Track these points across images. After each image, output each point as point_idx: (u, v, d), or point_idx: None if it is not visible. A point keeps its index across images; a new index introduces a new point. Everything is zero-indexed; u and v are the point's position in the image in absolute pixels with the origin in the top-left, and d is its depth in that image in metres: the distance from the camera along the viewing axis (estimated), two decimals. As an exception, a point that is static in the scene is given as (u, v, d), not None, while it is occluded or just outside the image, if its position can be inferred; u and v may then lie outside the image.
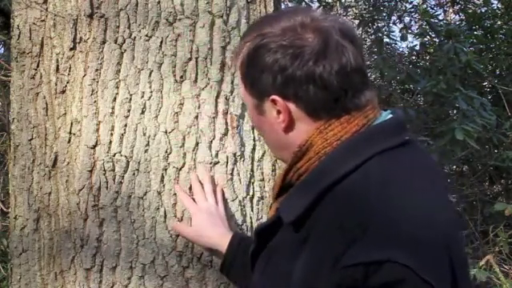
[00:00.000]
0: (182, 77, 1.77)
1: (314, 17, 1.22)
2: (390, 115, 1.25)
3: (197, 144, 1.76)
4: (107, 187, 1.75)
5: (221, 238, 1.62)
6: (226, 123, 1.78)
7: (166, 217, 1.73)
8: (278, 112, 1.23)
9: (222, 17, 1.79)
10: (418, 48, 6.33)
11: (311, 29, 1.20)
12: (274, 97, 1.22)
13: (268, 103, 1.24)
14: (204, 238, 1.65)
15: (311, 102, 1.20)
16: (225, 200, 1.73)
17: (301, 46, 1.18)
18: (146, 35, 1.77)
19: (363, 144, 1.19)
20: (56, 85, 1.84)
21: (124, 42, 1.78)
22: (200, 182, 1.73)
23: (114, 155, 1.76)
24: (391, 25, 6.22)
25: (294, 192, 1.23)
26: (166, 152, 1.75)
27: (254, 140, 1.81)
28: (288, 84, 1.20)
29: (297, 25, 1.20)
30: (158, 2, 1.77)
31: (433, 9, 6.68)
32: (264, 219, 1.80)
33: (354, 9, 6.74)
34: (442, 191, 1.26)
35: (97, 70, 1.79)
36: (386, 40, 6.14)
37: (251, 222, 1.78)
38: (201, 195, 1.71)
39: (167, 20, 1.77)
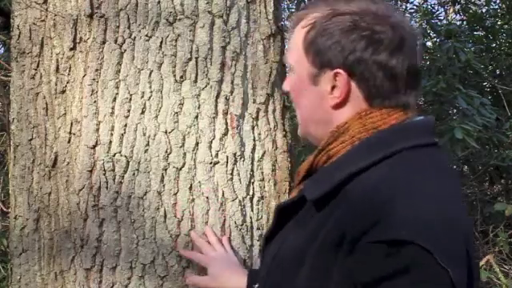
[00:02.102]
0: (182, 77, 1.77)
1: (388, 8, 1.27)
2: (422, 117, 1.30)
3: (197, 144, 1.76)
4: (107, 187, 1.75)
5: (239, 279, 1.61)
6: (226, 123, 1.78)
7: (165, 217, 1.73)
8: (333, 87, 1.26)
9: (221, 17, 1.79)
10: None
11: (388, 20, 1.24)
12: (339, 70, 1.24)
13: (327, 75, 1.26)
14: (223, 282, 1.65)
15: (375, 87, 1.24)
16: (232, 248, 1.73)
17: (380, 32, 1.22)
18: (146, 35, 1.77)
19: (396, 137, 1.23)
20: (56, 85, 1.85)
21: (124, 42, 1.78)
22: (203, 235, 1.74)
23: (114, 155, 1.76)
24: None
25: (321, 173, 1.26)
26: (166, 152, 1.75)
27: (254, 140, 1.81)
28: (359, 64, 1.23)
29: (374, 11, 1.25)
30: (158, 2, 1.77)
31: (433, 8, 6.68)
32: (264, 219, 1.80)
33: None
34: (460, 194, 1.31)
35: (97, 70, 1.79)
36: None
37: (251, 222, 1.78)
38: (208, 247, 1.71)
39: (167, 20, 1.77)
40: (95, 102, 1.78)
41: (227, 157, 1.77)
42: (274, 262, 1.31)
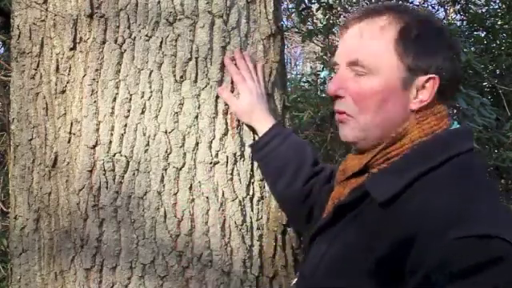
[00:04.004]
0: (182, 77, 1.77)
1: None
2: (455, 122, 1.37)
3: (197, 144, 1.76)
4: (107, 187, 1.75)
5: (265, 123, 1.76)
6: (226, 123, 1.78)
7: (165, 217, 1.73)
8: (418, 91, 1.30)
9: (221, 17, 1.79)
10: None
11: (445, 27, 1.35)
12: (434, 76, 1.29)
13: (420, 80, 1.29)
14: (251, 116, 1.77)
15: (447, 91, 1.31)
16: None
17: (452, 40, 1.34)
18: (146, 35, 1.77)
19: (453, 141, 1.29)
20: (56, 85, 1.84)
21: (124, 42, 1.78)
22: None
23: (114, 155, 1.76)
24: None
25: (387, 173, 1.29)
26: (166, 152, 1.75)
27: (254, 140, 1.81)
28: (447, 70, 1.29)
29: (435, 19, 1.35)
30: (158, 2, 1.77)
31: (434, 8, 6.67)
32: (264, 219, 1.80)
33: (354, 8, 6.74)
34: None
35: (97, 70, 1.79)
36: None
37: (251, 222, 1.78)
38: (248, 74, 1.78)
39: (167, 20, 1.77)
40: (95, 102, 1.78)
41: (227, 157, 1.77)
42: (322, 262, 1.33)
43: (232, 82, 1.79)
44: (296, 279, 1.47)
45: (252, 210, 1.79)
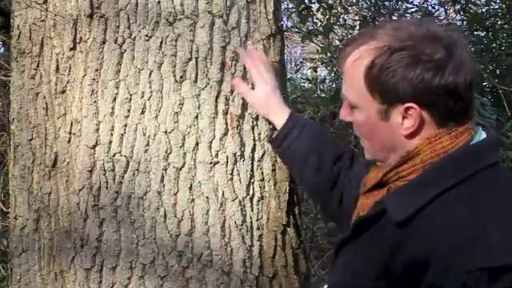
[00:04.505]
0: (182, 77, 1.77)
1: (431, 25, 1.31)
2: (483, 132, 1.35)
3: (197, 144, 1.76)
4: (107, 187, 1.75)
5: (282, 115, 1.77)
6: (226, 123, 1.78)
7: (165, 217, 1.73)
8: (403, 118, 1.30)
9: (221, 17, 1.79)
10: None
11: (441, 42, 1.28)
12: (411, 104, 1.28)
13: (398, 109, 1.30)
14: (269, 106, 1.78)
15: (446, 111, 1.29)
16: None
17: (439, 59, 1.27)
18: (146, 35, 1.77)
19: (467, 161, 1.29)
20: (56, 85, 1.84)
21: (124, 42, 1.78)
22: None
23: (114, 155, 1.76)
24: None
25: (402, 194, 1.32)
26: (166, 152, 1.75)
27: (254, 140, 1.81)
28: (429, 94, 1.27)
29: (423, 35, 1.28)
30: (158, 2, 1.77)
31: (434, 8, 6.67)
32: (264, 219, 1.80)
33: (354, 8, 6.74)
34: None
35: (97, 70, 1.79)
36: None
37: (251, 222, 1.78)
38: (263, 68, 1.78)
39: (167, 20, 1.77)
40: (95, 102, 1.78)
41: (227, 157, 1.77)
42: (345, 276, 1.39)
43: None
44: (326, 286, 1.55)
45: (252, 210, 1.79)
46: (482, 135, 1.35)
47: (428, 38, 1.28)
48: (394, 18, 6.19)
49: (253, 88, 1.79)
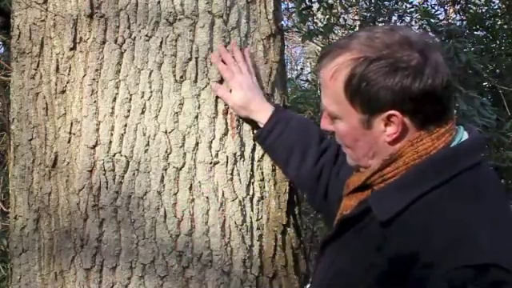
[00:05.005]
0: (182, 77, 1.77)
1: (405, 31, 1.33)
2: (465, 132, 1.37)
3: (197, 144, 1.76)
4: (107, 187, 1.75)
5: (264, 109, 1.76)
6: (226, 123, 1.78)
7: (165, 217, 1.73)
8: (386, 125, 1.32)
9: (221, 17, 1.79)
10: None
11: (415, 47, 1.30)
12: (392, 112, 1.30)
13: (380, 118, 1.32)
14: (248, 107, 1.76)
15: (426, 115, 1.32)
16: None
17: (416, 64, 1.29)
18: (146, 35, 1.77)
19: (448, 162, 1.32)
20: (56, 85, 1.84)
21: (124, 42, 1.78)
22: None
23: (114, 155, 1.76)
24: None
25: (385, 194, 1.34)
26: (166, 152, 1.75)
27: (254, 140, 1.81)
28: (409, 101, 1.29)
29: (399, 43, 1.30)
30: (158, 2, 1.77)
31: (433, 8, 6.67)
32: (264, 219, 1.80)
33: (354, 8, 6.74)
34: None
35: (97, 70, 1.79)
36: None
37: (251, 222, 1.78)
38: (235, 67, 1.76)
39: (167, 20, 1.77)
40: (95, 101, 1.78)
41: (227, 157, 1.77)
42: (328, 274, 1.41)
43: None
44: (308, 285, 1.55)
45: (252, 210, 1.79)
46: (464, 135, 1.36)
47: (402, 45, 1.30)
48: (394, 18, 6.19)
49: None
